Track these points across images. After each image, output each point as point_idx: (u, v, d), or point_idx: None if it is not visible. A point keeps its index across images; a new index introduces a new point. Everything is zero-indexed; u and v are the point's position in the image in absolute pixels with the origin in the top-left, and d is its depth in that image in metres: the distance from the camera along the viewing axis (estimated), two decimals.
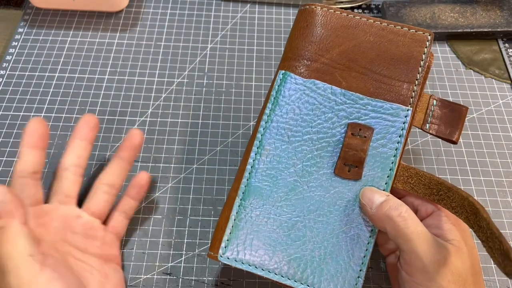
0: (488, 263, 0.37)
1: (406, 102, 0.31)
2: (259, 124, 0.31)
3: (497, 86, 0.47)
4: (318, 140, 0.31)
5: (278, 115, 0.31)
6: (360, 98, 0.31)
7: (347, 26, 0.32)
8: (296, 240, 0.29)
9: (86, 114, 0.35)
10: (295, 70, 0.32)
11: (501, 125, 0.44)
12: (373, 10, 0.53)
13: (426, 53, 0.32)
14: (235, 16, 0.52)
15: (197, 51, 0.49)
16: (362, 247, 0.29)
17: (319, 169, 0.30)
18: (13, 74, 0.46)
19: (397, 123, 0.30)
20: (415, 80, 0.31)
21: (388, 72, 0.31)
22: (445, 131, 0.31)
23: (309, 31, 0.32)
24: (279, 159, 0.30)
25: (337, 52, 0.32)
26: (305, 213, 0.30)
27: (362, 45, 0.32)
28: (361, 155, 0.29)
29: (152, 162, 0.41)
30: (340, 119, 0.31)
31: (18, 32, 0.49)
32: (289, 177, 0.30)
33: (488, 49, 0.50)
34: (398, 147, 0.30)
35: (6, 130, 0.42)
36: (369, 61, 0.32)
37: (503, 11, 0.51)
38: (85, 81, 0.46)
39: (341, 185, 0.30)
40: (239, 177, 0.31)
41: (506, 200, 0.40)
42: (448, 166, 0.42)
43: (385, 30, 0.32)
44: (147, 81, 0.46)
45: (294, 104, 0.31)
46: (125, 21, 0.51)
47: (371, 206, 0.28)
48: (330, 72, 0.32)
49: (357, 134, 0.30)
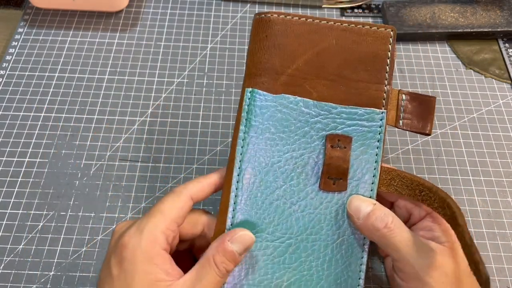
0: (488, 263, 0.37)
1: (379, 104, 0.30)
2: (235, 150, 0.29)
3: (497, 86, 0.47)
4: (299, 156, 0.29)
5: (253, 137, 0.29)
6: (333, 107, 0.30)
7: (308, 32, 0.31)
8: (292, 262, 0.29)
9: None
10: (262, 86, 0.30)
11: (501, 125, 0.44)
12: (373, 10, 0.53)
13: (391, 50, 0.31)
14: (235, 16, 0.52)
15: (197, 51, 0.49)
16: (357, 256, 0.29)
17: (305, 187, 0.29)
18: (13, 74, 0.46)
19: (373, 127, 0.30)
20: (385, 80, 0.30)
21: (357, 76, 0.30)
22: (418, 125, 0.31)
23: (269, 42, 0.30)
24: (262, 183, 0.29)
25: (303, 62, 0.30)
26: (297, 234, 0.29)
27: (326, 50, 0.31)
28: (344, 167, 0.29)
29: (152, 162, 0.41)
30: (317, 132, 0.30)
31: (18, 32, 0.49)
32: (276, 200, 0.29)
33: (488, 49, 0.50)
34: (378, 152, 0.30)
35: (6, 130, 0.42)
36: (336, 66, 0.30)
37: (503, 11, 0.51)
38: (85, 81, 0.46)
39: (328, 199, 0.29)
40: (223, 209, 0.29)
41: (506, 200, 0.40)
42: (448, 166, 0.41)
43: (347, 31, 0.31)
44: (147, 81, 0.46)
45: (268, 123, 0.30)
46: (125, 21, 0.51)
47: (358, 216, 0.28)
48: (299, 84, 0.30)
49: (337, 146, 0.29)
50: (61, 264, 0.36)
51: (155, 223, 0.27)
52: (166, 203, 0.28)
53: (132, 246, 0.26)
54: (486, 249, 0.37)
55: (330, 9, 0.53)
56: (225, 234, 0.28)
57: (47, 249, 0.36)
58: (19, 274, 0.35)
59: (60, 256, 0.36)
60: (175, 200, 0.28)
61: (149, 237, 0.27)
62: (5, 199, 0.38)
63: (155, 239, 0.27)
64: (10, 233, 0.37)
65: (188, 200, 0.29)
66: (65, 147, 0.41)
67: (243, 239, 0.27)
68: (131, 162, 0.41)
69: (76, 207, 0.38)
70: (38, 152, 0.41)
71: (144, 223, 0.27)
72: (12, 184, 0.39)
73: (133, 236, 0.27)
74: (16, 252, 0.36)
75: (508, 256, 0.37)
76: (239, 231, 0.28)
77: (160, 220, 0.27)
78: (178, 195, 0.29)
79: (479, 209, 0.39)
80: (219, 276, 0.26)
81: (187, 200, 0.29)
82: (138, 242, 0.26)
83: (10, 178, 0.40)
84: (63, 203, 0.39)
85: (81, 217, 0.38)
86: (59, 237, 0.37)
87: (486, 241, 0.38)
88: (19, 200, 0.38)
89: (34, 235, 0.37)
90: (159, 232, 0.27)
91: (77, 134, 0.42)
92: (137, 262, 0.26)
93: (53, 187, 0.39)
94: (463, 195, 0.40)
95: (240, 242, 0.27)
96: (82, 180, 0.40)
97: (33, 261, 0.36)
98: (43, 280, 0.35)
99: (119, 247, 0.27)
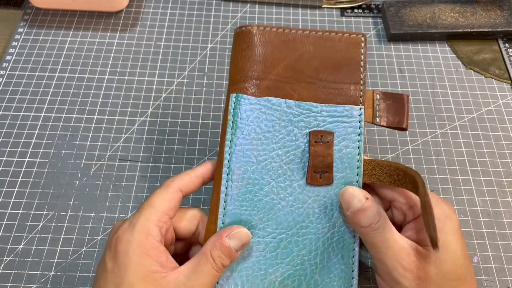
0: (488, 263, 0.37)
1: (357, 102, 0.32)
2: (223, 151, 0.31)
3: (497, 86, 0.47)
4: (285, 154, 0.31)
5: (240, 138, 0.31)
6: (314, 106, 0.31)
7: (286, 41, 0.33)
8: (284, 257, 0.29)
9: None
10: (246, 91, 0.32)
11: (501, 125, 0.44)
12: (373, 10, 0.53)
13: (363, 53, 0.33)
14: (235, 16, 0.52)
15: (197, 51, 0.49)
16: (349, 248, 0.30)
17: (292, 182, 0.30)
18: (13, 74, 0.46)
19: (353, 122, 0.31)
20: (360, 80, 0.32)
21: (334, 77, 0.32)
22: (394, 120, 0.33)
23: (251, 51, 0.33)
24: (251, 181, 0.30)
25: (283, 67, 0.32)
26: (287, 228, 0.30)
27: (304, 56, 0.33)
28: (328, 160, 0.30)
29: (152, 162, 0.41)
30: (301, 130, 0.31)
31: (18, 32, 0.49)
32: (265, 196, 0.30)
33: (488, 49, 0.50)
34: (359, 145, 0.31)
35: (6, 130, 0.42)
36: (314, 69, 0.32)
37: (503, 11, 0.51)
38: (85, 81, 0.46)
39: (315, 193, 0.30)
40: (214, 208, 0.30)
41: (506, 200, 0.40)
42: (448, 166, 0.42)
43: (322, 39, 0.33)
44: (147, 81, 0.46)
45: (253, 124, 0.31)
46: (125, 21, 0.51)
47: (347, 208, 0.29)
48: (280, 87, 0.32)
49: (320, 141, 0.31)
50: (61, 264, 0.36)
51: (147, 216, 0.28)
52: (156, 196, 0.29)
53: (126, 240, 0.27)
54: (486, 249, 0.37)
55: (330, 9, 0.53)
56: (223, 230, 0.28)
57: (47, 249, 0.36)
58: (19, 274, 0.35)
59: (60, 256, 0.36)
60: (164, 193, 0.29)
61: (142, 230, 0.27)
62: (5, 199, 0.38)
63: (148, 231, 0.27)
64: (10, 233, 0.37)
65: (177, 192, 0.30)
66: (65, 147, 0.42)
67: (240, 236, 0.28)
68: (131, 162, 0.41)
69: (76, 207, 0.38)
70: (38, 152, 0.41)
71: (136, 217, 0.28)
72: (12, 184, 0.39)
73: (126, 230, 0.27)
74: (16, 252, 0.36)
75: (508, 256, 0.37)
76: (236, 228, 0.28)
77: (151, 213, 0.28)
78: (167, 188, 0.29)
79: (479, 209, 0.39)
80: (215, 270, 0.27)
81: (176, 192, 0.30)
82: (132, 236, 0.27)
83: (10, 178, 0.40)
84: (63, 203, 0.39)
85: (81, 217, 0.38)
86: (59, 237, 0.37)
87: (486, 241, 0.38)
88: (19, 200, 0.38)
89: (34, 235, 0.37)
90: (151, 225, 0.27)
91: (77, 134, 0.42)
92: (131, 254, 0.26)
93: (53, 187, 0.39)
94: (463, 195, 0.40)
95: (237, 239, 0.28)
96: (82, 180, 0.40)
97: (33, 261, 0.36)
98: (43, 280, 0.35)
99: (114, 242, 0.27)
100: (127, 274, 0.26)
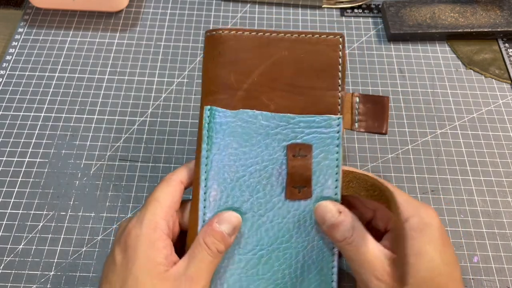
0: (488, 263, 0.37)
1: (335, 110, 0.31)
2: (199, 170, 0.30)
3: (497, 86, 0.47)
4: (263, 169, 0.30)
5: (216, 154, 0.30)
6: (291, 117, 0.30)
7: (260, 46, 0.31)
8: (265, 273, 0.29)
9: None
10: (220, 103, 0.30)
11: (501, 125, 0.44)
12: (373, 10, 0.53)
13: (341, 56, 0.31)
14: (235, 16, 0.52)
15: (197, 51, 0.49)
16: (328, 260, 0.30)
17: (271, 198, 0.30)
18: (13, 74, 0.46)
19: (331, 133, 0.30)
20: (338, 86, 0.31)
21: (312, 84, 0.31)
22: (373, 125, 0.31)
23: (223, 59, 0.31)
24: (229, 199, 0.30)
25: (257, 75, 0.31)
26: (268, 244, 0.30)
27: (279, 62, 0.31)
28: (307, 175, 0.29)
29: (152, 162, 0.41)
30: (279, 143, 0.30)
31: (18, 32, 0.49)
32: (244, 213, 0.30)
33: (488, 49, 0.50)
34: (338, 157, 0.30)
35: (6, 130, 0.42)
36: (290, 76, 0.31)
37: (503, 11, 0.51)
38: (85, 81, 0.46)
39: (295, 207, 0.30)
40: (192, 226, 0.29)
41: (506, 200, 0.40)
42: (448, 166, 0.42)
43: (297, 42, 0.31)
44: (147, 81, 0.46)
45: (229, 139, 0.30)
46: (125, 21, 0.51)
47: (322, 223, 0.29)
48: (256, 97, 0.31)
49: (298, 155, 0.30)
50: (61, 264, 0.36)
51: (153, 211, 0.29)
52: (159, 191, 0.30)
53: (135, 234, 0.28)
54: (486, 249, 0.37)
55: (330, 9, 0.53)
56: (213, 218, 0.29)
57: (47, 249, 0.36)
58: (19, 274, 0.35)
59: (60, 256, 0.36)
60: (167, 187, 0.30)
61: (149, 224, 0.28)
62: (5, 199, 0.38)
63: (155, 225, 0.28)
64: (10, 233, 0.37)
65: (179, 185, 0.30)
66: (65, 147, 0.42)
67: (229, 219, 0.29)
68: (131, 162, 0.41)
69: (76, 207, 0.38)
70: (38, 152, 0.41)
71: (143, 213, 0.29)
72: (12, 184, 0.39)
73: (135, 225, 0.28)
74: (16, 252, 0.36)
75: (508, 256, 0.37)
76: (225, 213, 0.29)
77: (157, 207, 0.29)
78: (168, 181, 0.30)
79: (479, 209, 0.39)
80: (211, 256, 0.27)
81: (178, 185, 0.30)
82: (140, 230, 0.28)
83: (10, 178, 0.40)
84: (63, 203, 0.39)
85: (81, 217, 0.38)
86: (59, 237, 0.37)
87: (486, 241, 0.38)
88: (19, 200, 0.38)
89: (34, 235, 0.37)
90: (158, 218, 0.28)
91: (77, 134, 0.42)
92: (140, 248, 0.27)
93: (53, 187, 0.39)
94: (463, 195, 0.40)
95: (228, 222, 0.28)
96: (82, 180, 0.40)
97: (33, 261, 0.36)
98: (43, 280, 0.35)
99: (123, 237, 0.28)
100: (134, 268, 0.27)
